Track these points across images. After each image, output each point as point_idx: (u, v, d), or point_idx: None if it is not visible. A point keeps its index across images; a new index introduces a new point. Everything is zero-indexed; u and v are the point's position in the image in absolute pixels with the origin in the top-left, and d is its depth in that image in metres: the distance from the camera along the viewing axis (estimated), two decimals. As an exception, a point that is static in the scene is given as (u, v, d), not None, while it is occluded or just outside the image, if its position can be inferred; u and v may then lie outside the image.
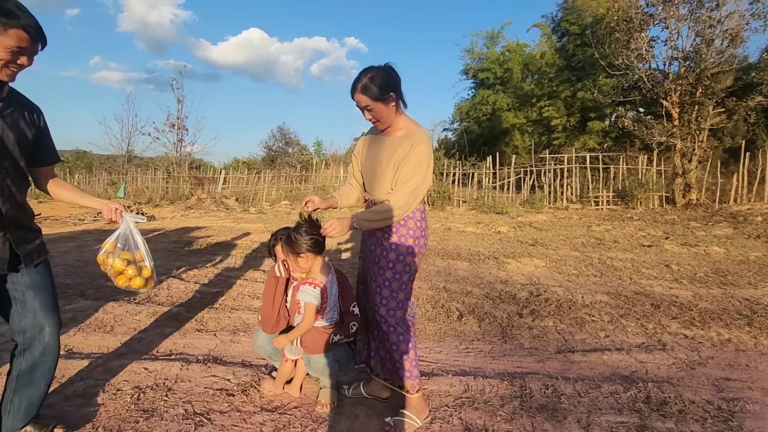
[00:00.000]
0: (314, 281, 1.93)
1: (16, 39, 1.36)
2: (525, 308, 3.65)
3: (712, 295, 4.12)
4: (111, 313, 3.29)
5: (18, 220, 1.53)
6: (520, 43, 25.03)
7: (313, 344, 1.94)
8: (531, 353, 2.78)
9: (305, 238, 1.87)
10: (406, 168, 1.81)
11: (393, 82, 1.82)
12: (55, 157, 1.70)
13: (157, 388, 2.15)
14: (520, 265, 5.34)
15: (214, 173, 18.06)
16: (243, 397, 2.08)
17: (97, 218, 9.52)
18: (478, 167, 13.90)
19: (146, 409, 1.97)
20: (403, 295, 1.88)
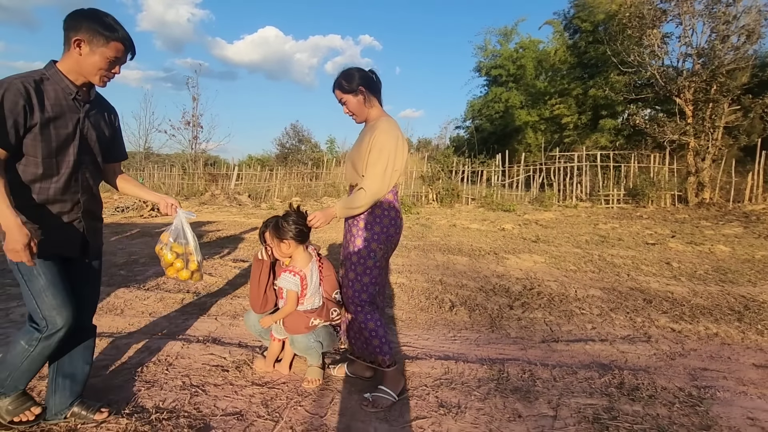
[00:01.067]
0: (294, 269, 2.08)
1: (115, 50, 1.54)
2: (516, 301, 3.75)
3: (708, 291, 4.14)
4: (122, 298, 3.50)
5: (93, 210, 1.70)
6: (534, 40, 24.81)
7: (293, 326, 2.10)
8: (515, 342, 2.89)
9: (291, 226, 2.03)
10: (372, 154, 1.95)
11: (362, 79, 2.03)
12: (125, 154, 1.89)
13: (159, 363, 2.33)
14: (519, 260, 5.41)
15: (228, 170, 18.43)
16: (236, 373, 2.25)
17: (114, 213, 9.89)
18: (488, 165, 13.91)
19: (148, 380, 2.15)
20: (367, 278, 2.01)
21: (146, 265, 4.76)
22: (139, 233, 7.15)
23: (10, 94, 1.41)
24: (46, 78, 1.52)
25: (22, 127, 1.43)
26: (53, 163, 1.53)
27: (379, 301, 2.18)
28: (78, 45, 1.51)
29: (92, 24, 1.50)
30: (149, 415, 1.83)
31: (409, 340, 2.87)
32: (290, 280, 2.06)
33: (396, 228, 2.06)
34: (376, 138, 1.95)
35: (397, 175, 2.01)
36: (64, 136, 1.54)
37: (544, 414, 1.97)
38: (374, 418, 1.90)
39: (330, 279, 2.23)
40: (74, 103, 1.57)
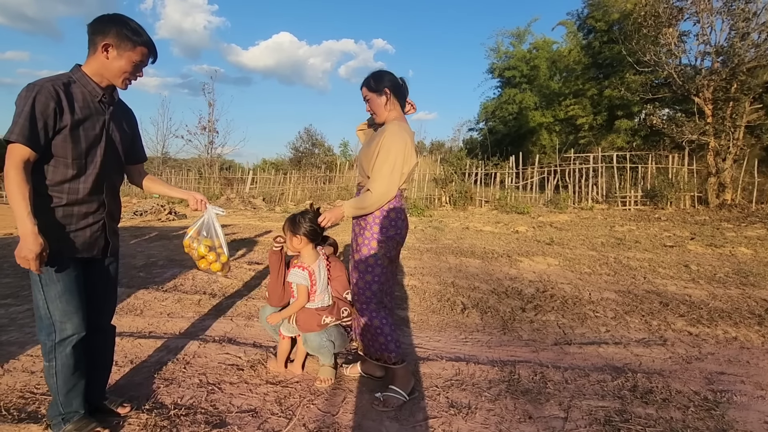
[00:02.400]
0: (302, 264, 2.15)
1: (141, 54, 1.61)
2: (529, 303, 3.73)
3: (727, 295, 4.06)
4: (141, 299, 3.61)
5: (113, 211, 1.76)
6: (547, 40, 24.57)
7: (305, 323, 2.15)
8: (527, 344, 2.88)
9: (307, 224, 2.11)
10: (379, 156, 2.00)
11: (390, 82, 2.12)
12: (145, 155, 1.98)
13: (177, 362, 2.41)
14: (533, 263, 5.38)
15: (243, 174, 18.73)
16: (251, 372, 2.31)
17: (133, 217, 10.15)
18: (501, 167, 13.83)
19: (167, 378, 2.22)
20: (369, 277, 2.06)
21: (164, 267, 4.88)
22: (157, 236, 7.33)
23: (42, 96, 1.45)
24: (73, 81, 1.57)
25: (51, 129, 1.48)
26: (83, 164, 1.58)
27: (387, 301, 2.20)
28: (105, 49, 1.56)
29: (120, 29, 1.56)
30: (168, 411, 1.90)
31: (421, 341, 2.89)
32: (299, 275, 2.12)
33: (397, 229, 2.08)
34: (384, 140, 2.01)
35: (403, 178, 2.05)
36: (93, 137, 1.60)
37: (555, 416, 1.97)
38: (385, 417, 1.93)
39: (341, 279, 2.28)
40: (100, 105, 1.63)
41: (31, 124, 1.43)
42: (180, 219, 10.29)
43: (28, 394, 2.01)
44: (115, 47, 1.56)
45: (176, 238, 7.11)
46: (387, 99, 2.11)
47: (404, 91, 2.18)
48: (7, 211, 12.06)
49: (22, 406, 1.91)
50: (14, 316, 3.14)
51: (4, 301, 3.51)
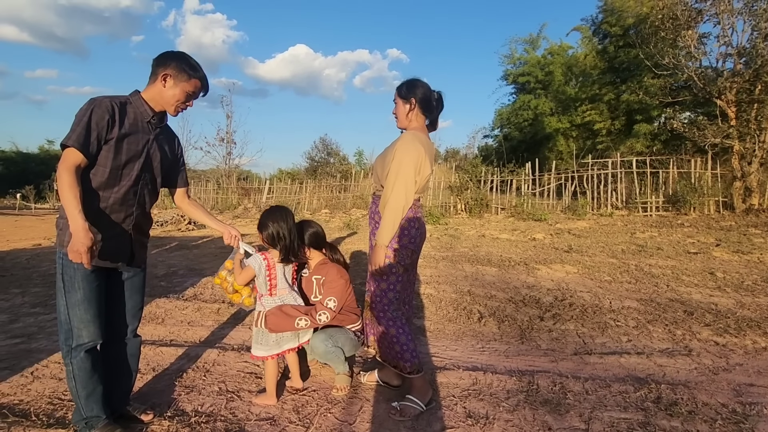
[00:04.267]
0: (265, 253, 2.10)
1: (194, 87, 1.79)
2: (547, 312, 3.68)
3: (756, 303, 3.92)
4: (162, 307, 3.70)
5: (142, 225, 1.85)
6: (562, 45, 24.42)
7: (276, 325, 2.07)
8: (546, 354, 2.84)
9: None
10: (391, 167, 2.01)
11: (422, 95, 2.11)
12: (186, 181, 2.07)
13: (197, 370, 2.45)
14: (551, 271, 5.30)
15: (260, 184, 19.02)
16: (269, 380, 2.33)
17: (154, 227, 10.41)
18: (517, 174, 13.70)
19: (188, 385, 2.27)
20: (385, 285, 2.06)
21: (184, 276, 4.99)
22: (177, 246, 7.50)
23: (99, 110, 1.60)
24: (129, 102, 1.73)
25: (102, 139, 1.62)
26: (118, 174, 1.69)
27: (405, 310, 2.21)
28: (164, 78, 1.73)
29: (180, 63, 1.74)
30: (189, 418, 1.94)
31: (437, 350, 2.88)
32: (255, 259, 2.08)
33: (411, 237, 2.08)
34: (397, 149, 2.01)
35: (418, 187, 2.05)
36: (134, 152, 1.71)
37: (575, 427, 1.93)
38: (402, 426, 1.93)
39: (332, 285, 2.23)
40: (148, 125, 1.77)
41: (86, 132, 1.58)
42: (199, 229, 10.50)
43: (56, 401, 2.08)
44: (173, 77, 1.74)
45: (195, 248, 7.27)
46: (411, 108, 2.12)
47: (434, 107, 2.17)
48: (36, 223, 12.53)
49: (51, 411, 1.98)
50: (43, 324, 3.26)
51: (33, 309, 3.64)
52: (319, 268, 2.32)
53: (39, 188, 23.90)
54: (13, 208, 20.05)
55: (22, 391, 2.17)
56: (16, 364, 2.49)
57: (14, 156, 33.74)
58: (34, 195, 21.87)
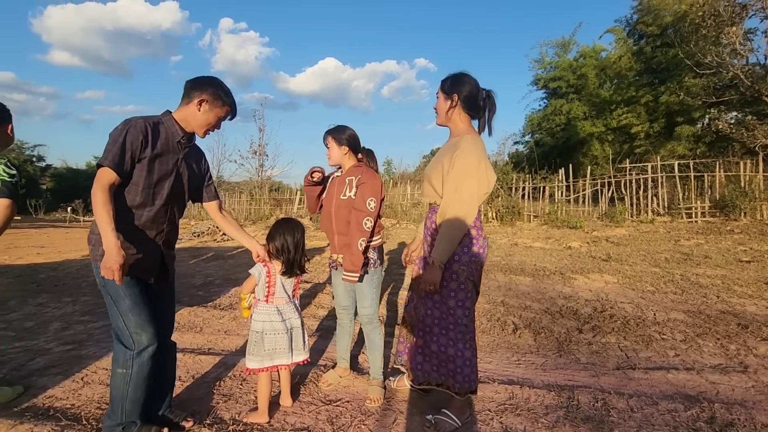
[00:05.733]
0: (267, 263, 2.09)
1: (225, 113, 1.90)
2: (586, 324, 3.53)
3: (820, 316, 3.62)
4: (200, 316, 3.82)
5: (171, 240, 1.94)
6: (595, 47, 23.73)
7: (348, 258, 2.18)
8: (586, 368, 2.72)
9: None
10: (451, 175, 1.85)
11: (467, 92, 1.95)
12: (216, 194, 2.15)
13: (234, 378, 2.51)
14: (588, 281, 5.10)
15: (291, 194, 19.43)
16: (303, 390, 2.36)
17: (191, 238, 10.81)
18: (550, 180, 13.34)
19: (225, 394, 2.32)
20: (453, 302, 1.92)
21: (221, 286, 5.15)
22: (214, 256, 7.75)
23: (134, 130, 1.68)
24: (161, 123, 1.82)
25: (136, 158, 1.70)
26: (150, 193, 1.77)
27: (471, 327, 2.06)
28: (201, 103, 1.82)
29: (216, 89, 1.83)
30: (227, 427, 1.98)
31: (471, 362, 2.82)
32: (257, 268, 2.09)
33: (480, 248, 1.95)
34: (456, 158, 1.84)
35: (484, 198, 1.91)
36: (164, 171, 1.80)
37: (620, 447, 1.83)
38: (437, 441, 1.89)
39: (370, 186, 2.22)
40: (178, 145, 1.85)
41: (121, 152, 1.64)
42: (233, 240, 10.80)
43: (104, 405, 2.17)
44: (209, 103, 1.83)
45: (231, 258, 7.49)
46: (452, 106, 1.95)
47: (480, 107, 1.98)
48: (85, 235, 13.29)
49: (99, 416, 2.07)
50: (92, 332, 3.43)
51: (83, 317, 3.85)
52: (353, 170, 2.32)
53: (87, 202, 25.42)
54: (64, 221, 21.40)
55: (73, 396, 2.29)
56: (68, 369, 2.63)
57: (65, 172, 36.15)
58: (82, 208, 23.22)
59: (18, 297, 4.55)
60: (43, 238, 11.84)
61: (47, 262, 7.07)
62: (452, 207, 1.84)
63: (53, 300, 4.45)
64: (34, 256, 7.78)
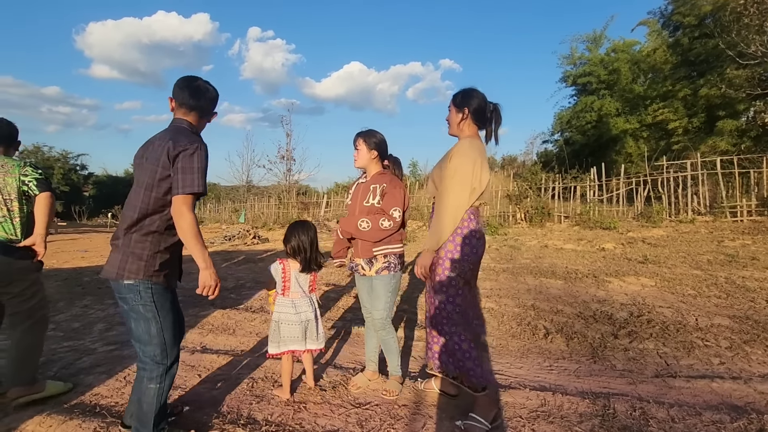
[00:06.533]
0: (283, 260, 2.35)
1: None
2: (622, 329, 3.41)
3: None
4: (233, 319, 3.93)
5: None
6: (627, 41, 22.88)
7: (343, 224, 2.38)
8: (623, 375, 2.63)
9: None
10: (447, 171, 2.02)
11: (476, 106, 2.13)
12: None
13: (266, 380, 2.57)
14: (624, 284, 4.92)
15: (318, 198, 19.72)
16: (333, 393, 2.39)
17: (223, 241, 11.14)
18: (581, 179, 12.95)
19: (257, 395, 2.38)
20: (444, 296, 2.03)
21: (252, 289, 5.28)
22: (244, 260, 7.96)
23: (206, 153, 1.76)
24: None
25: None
26: None
27: (475, 325, 2.18)
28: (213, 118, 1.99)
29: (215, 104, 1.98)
30: (260, 427, 2.03)
31: (501, 368, 2.78)
32: (274, 266, 2.35)
33: (473, 248, 2.03)
34: (453, 155, 2.04)
35: (476, 194, 2.02)
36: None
37: (661, 459, 1.76)
38: (467, 447, 1.88)
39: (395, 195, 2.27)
40: None
41: (205, 176, 1.74)
42: (263, 243, 11.07)
43: (145, 404, 2.28)
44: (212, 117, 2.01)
45: (261, 261, 7.67)
46: (463, 118, 2.13)
47: (488, 119, 2.16)
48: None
49: (141, 414, 2.17)
50: (132, 332, 3.60)
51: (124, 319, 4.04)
52: (378, 177, 2.35)
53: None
54: (105, 226, 22.52)
55: (117, 394, 2.41)
56: (112, 368, 2.77)
57: (105, 179, 38.12)
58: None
59: (65, 299, 4.83)
60: (87, 242, 12.51)
61: (91, 265, 7.46)
62: (445, 198, 1.99)
63: (97, 302, 4.69)
64: (79, 260, 8.23)
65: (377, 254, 2.29)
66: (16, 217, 2.24)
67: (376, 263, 2.30)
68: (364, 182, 2.40)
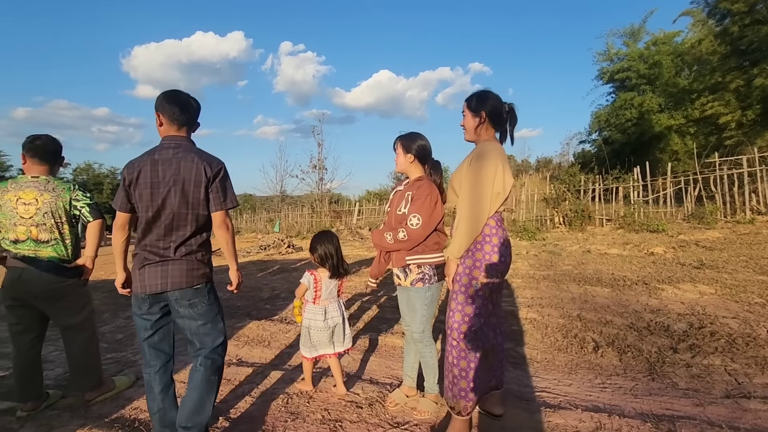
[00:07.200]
0: (314, 271, 2.48)
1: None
2: (682, 342, 3.12)
3: None
4: (268, 330, 3.93)
5: None
6: (668, 33, 21.74)
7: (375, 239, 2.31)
8: (687, 395, 2.37)
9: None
10: (468, 177, 1.94)
11: (492, 108, 2.04)
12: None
13: (301, 396, 2.51)
14: (679, 292, 4.55)
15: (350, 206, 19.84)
16: (369, 410, 2.29)
17: (259, 251, 11.36)
18: (623, 180, 12.30)
19: (293, 411, 2.32)
20: (470, 309, 1.92)
21: (286, 299, 5.29)
22: (279, 269, 8.05)
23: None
24: None
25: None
26: None
27: (492, 336, 2.06)
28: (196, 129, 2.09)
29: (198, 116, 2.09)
30: (295, 447, 1.96)
31: (548, 384, 2.59)
32: (306, 276, 2.48)
33: (500, 255, 1.93)
34: (473, 161, 1.95)
35: (499, 199, 1.94)
36: None
37: (744, 497, 1.54)
38: (516, 475, 1.72)
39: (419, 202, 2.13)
40: None
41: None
42: (297, 252, 11.20)
43: (182, 419, 2.27)
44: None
45: (295, 271, 7.72)
46: (480, 122, 2.05)
47: (504, 120, 2.09)
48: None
49: (178, 429, 2.15)
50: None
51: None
52: (413, 184, 2.24)
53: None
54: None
55: (155, 408, 2.42)
56: (152, 381, 2.80)
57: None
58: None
59: (111, 310, 5.01)
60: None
61: (136, 276, 7.76)
62: (466, 205, 1.92)
63: (140, 313, 4.83)
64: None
65: (410, 263, 2.18)
66: (67, 239, 2.37)
67: (410, 273, 2.19)
68: (401, 190, 2.31)
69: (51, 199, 2.31)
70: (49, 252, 2.31)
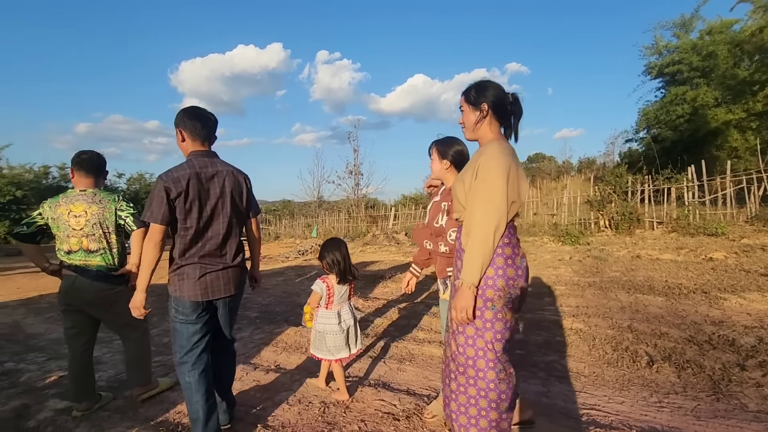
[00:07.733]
0: (325, 278, 2.57)
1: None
2: (750, 359, 2.83)
3: None
4: (306, 337, 3.96)
5: None
6: (724, 21, 20.23)
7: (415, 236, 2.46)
8: (758, 418, 2.14)
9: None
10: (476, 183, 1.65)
11: (494, 98, 1.75)
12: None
13: (338, 405, 2.49)
14: (745, 302, 4.16)
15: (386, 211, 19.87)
16: (407, 423, 2.23)
17: (297, 256, 11.59)
18: (676, 180, 11.53)
19: (329, 421, 2.31)
20: (490, 335, 1.62)
21: (323, 304, 5.32)
22: (316, 274, 8.14)
23: None
24: None
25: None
26: None
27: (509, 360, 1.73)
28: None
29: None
30: (331, 459, 1.94)
31: (598, 401, 2.42)
32: (317, 284, 2.57)
33: (516, 269, 1.66)
34: (480, 166, 1.65)
35: (516, 208, 1.66)
36: None
37: None
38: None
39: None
40: None
41: None
42: (334, 257, 11.30)
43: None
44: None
45: (332, 276, 7.78)
46: (482, 116, 1.75)
47: (510, 112, 1.77)
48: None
49: None
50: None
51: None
52: (449, 194, 2.12)
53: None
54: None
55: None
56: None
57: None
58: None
59: (158, 314, 5.24)
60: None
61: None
62: (477, 219, 1.61)
63: (185, 317, 5.02)
64: (173, 276, 9.01)
65: (451, 275, 2.10)
66: (114, 248, 2.50)
67: (450, 286, 2.12)
68: (438, 200, 2.25)
69: (98, 210, 2.44)
70: (98, 261, 2.45)
